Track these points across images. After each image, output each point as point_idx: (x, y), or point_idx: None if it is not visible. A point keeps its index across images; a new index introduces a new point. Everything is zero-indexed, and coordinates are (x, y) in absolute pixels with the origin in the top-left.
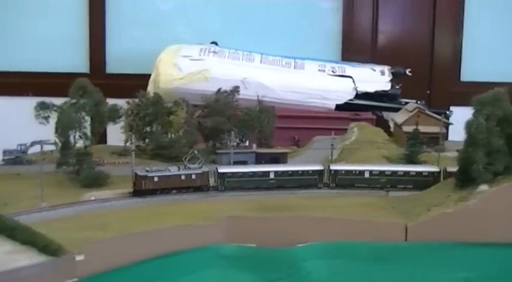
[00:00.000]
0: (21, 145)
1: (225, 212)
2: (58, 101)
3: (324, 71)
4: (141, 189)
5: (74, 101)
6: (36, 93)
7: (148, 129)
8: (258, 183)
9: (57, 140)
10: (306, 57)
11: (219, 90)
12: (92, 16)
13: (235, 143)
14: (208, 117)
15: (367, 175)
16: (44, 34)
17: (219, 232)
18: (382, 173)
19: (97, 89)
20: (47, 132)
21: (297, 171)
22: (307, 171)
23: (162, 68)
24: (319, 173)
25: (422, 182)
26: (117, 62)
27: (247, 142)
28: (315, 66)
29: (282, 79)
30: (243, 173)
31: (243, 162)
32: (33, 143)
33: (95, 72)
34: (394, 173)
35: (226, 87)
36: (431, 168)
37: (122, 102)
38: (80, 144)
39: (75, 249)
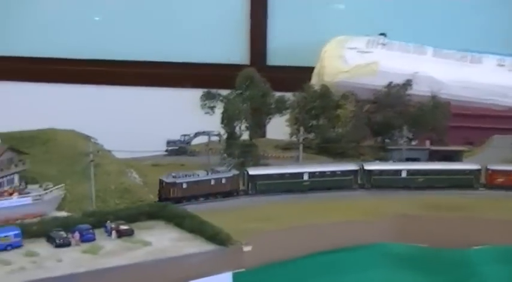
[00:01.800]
0: (184, 136)
1: (385, 209)
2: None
3: (503, 65)
4: (168, 197)
5: (240, 91)
6: (194, 85)
7: (314, 122)
8: (291, 185)
9: (223, 131)
10: (484, 51)
11: (389, 84)
12: (253, 5)
13: (407, 140)
14: (378, 111)
15: (404, 175)
16: (201, 24)
17: (386, 230)
18: (420, 172)
19: (263, 80)
20: (209, 123)
21: (332, 171)
22: (342, 171)
23: (327, 60)
24: (354, 173)
25: (463, 181)
26: (278, 53)
27: (416, 140)
28: (493, 60)
29: (456, 74)
30: (275, 174)
31: (415, 160)
32: (197, 134)
33: (255, 64)
34: (433, 171)
35: (396, 81)
36: (471, 166)
37: (286, 96)
38: (245, 135)
39: (242, 240)
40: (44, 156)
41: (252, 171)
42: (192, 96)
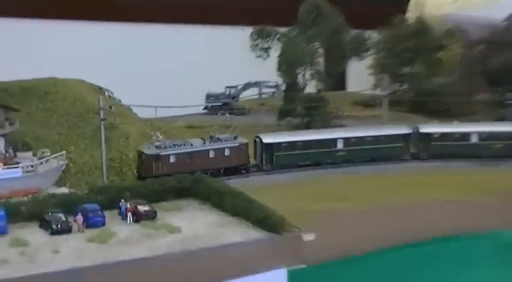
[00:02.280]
0: (230, 88)
1: (490, 184)
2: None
3: None
4: (150, 174)
5: (304, 27)
6: (249, 23)
7: (406, 69)
8: (319, 156)
9: (280, 81)
10: None
11: (510, 15)
12: None
13: None
14: (495, 54)
15: (474, 140)
16: None
17: (498, 212)
18: (497, 136)
19: (335, 12)
20: (262, 71)
21: (376, 137)
22: (389, 137)
23: None
24: (406, 138)
25: None
26: None
27: None
28: None
29: None
30: (298, 143)
31: None
32: (246, 86)
33: None
34: None
35: None
36: None
37: (366, 33)
38: (312, 87)
39: (304, 225)
40: (41, 115)
41: (268, 139)
42: (241, 36)
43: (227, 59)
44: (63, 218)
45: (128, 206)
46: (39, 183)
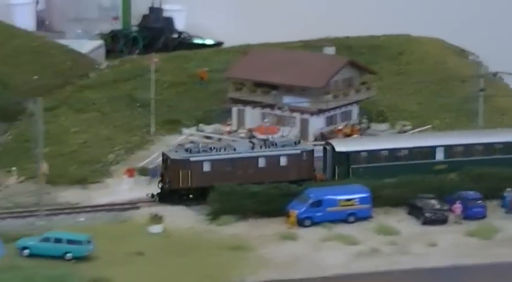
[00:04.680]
0: None
1: None
2: None
3: None
4: (176, 187)
5: None
6: None
7: None
8: (411, 170)
9: None
10: None
11: None
12: None
13: None
14: None
15: None
16: None
17: None
18: None
19: None
20: None
21: (488, 144)
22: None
23: None
24: None
25: None
26: None
27: None
28: None
29: None
30: (383, 152)
31: None
32: None
33: None
34: None
35: None
36: None
37: None
38: None
39: None
40: (394, 79)
41: (341, 146)
42: None
43: None
44: (438, 206)
45: None
46: None
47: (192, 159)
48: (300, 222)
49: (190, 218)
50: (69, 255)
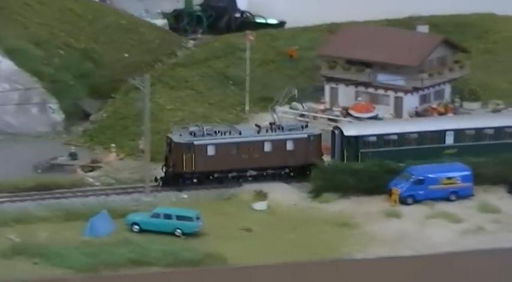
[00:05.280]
0: None
1: None
2: None
3: None
4: (180, 171)
5: None
6: None
7: None
8: (420, 155)
9: None
10: None
11: None
12: None
13: None
14: None
15: None
16: None
17: None
18: None
19: None
20: None
21: (497, 128)
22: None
23: None
24: None
25: None
26: None
27: None
28: None
29: None
30: (392, 136)
31: None
32: None
33: None
34: None
35: None
36: None
37: None
38: None
39: None
40: (482, 58)
41: (351, 130)
42: None
43: None
44: None
45: None
46: None
47: (196, 142)
48: (403, 200)
49: (292, 195)
50: (179, 231)
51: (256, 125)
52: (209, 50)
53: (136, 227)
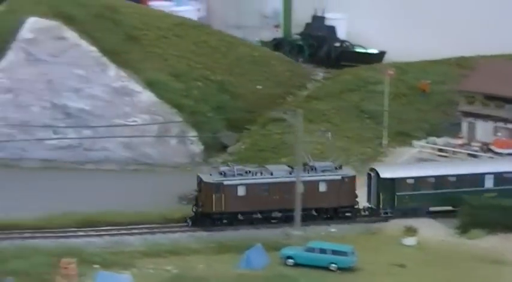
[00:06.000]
0: None
1: None
2: None
3: None
4: (209, 211)
5: None
6: None
7: None
8: (459, 198)
9: None
10: None
11: None
12: None
13: None
14: None
15: None
16: None
17: None
18: None
19: None
20: None
21: None
22: None
23: None
24: None
25: None
26: None
27: None
28: None
29: None
30: (430, 178)
31: None
32: None
33: None
34: None
35: None
36: None
37: None
38: None
39: None
40: None
41: (387, 172)
42: None
43: None
44: None
45: None
46: None
47: (225, 182)
48: None
49: (439, 230)
50: (334, 266)
51: (289, 166)
52: (340, 83)
53: (290, 260)
